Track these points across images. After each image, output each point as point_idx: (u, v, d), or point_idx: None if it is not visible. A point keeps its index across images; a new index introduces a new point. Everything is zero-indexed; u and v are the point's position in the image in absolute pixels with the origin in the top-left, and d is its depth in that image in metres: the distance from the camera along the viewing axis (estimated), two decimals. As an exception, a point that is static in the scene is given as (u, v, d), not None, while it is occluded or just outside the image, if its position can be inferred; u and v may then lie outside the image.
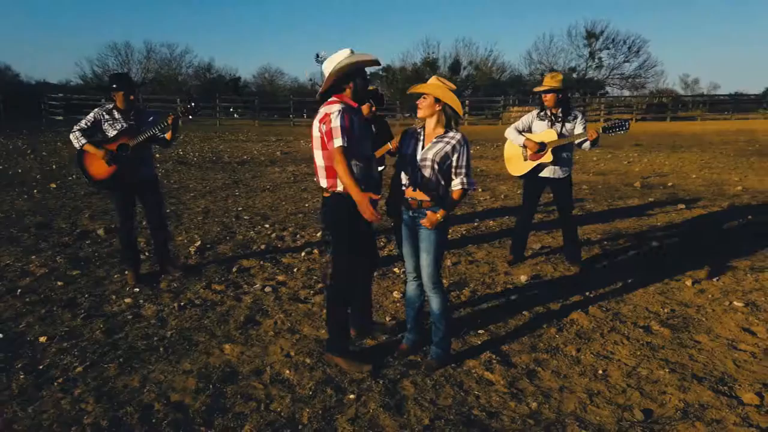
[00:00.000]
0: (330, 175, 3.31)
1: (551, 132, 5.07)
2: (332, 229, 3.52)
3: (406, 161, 3.40)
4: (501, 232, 6.78)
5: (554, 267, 5.45)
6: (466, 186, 3.35)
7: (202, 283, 4.97)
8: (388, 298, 4.64)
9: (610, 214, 7.83)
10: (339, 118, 3.13)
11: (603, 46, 43.94)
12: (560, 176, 5.19)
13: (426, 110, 3.32)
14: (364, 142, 3.30)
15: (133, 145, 4.68)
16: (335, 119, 3.14)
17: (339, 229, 3.44)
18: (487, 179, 11.12)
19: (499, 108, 34.69)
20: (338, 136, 3.12)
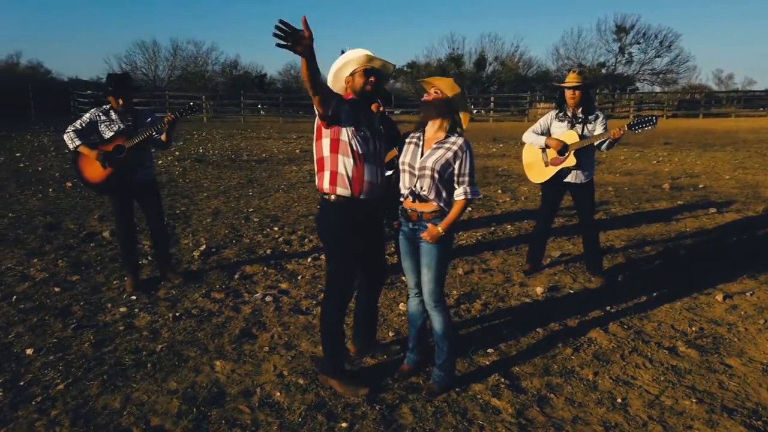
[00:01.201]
0: (319, 168, 3.13)
1: (572, 133, 4.74)
2: (321, 237, 3.28)
3: (405, 169, 3.13)
4: (519, 237, 6.45)
5: (573, 277, 5.12)
6: (470, 195, 3.07)
7: (201, 290, 4.77)
8: (393, 310, 4.38)
9: (636, 218, 7.43)
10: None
11: (633, 41, 42.83)
12: (582, 181, 4.86)
13: (437, 110, 3.04)
14: (363, 141, 3.06)
15: (129, 146, 4.50)
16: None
17: (328, 238, 3.19)
18: (508, 180, 10.76)
19: (525, 104, 34.06)
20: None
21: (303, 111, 35.31)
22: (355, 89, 3.09)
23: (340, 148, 3.01)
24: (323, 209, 3.16)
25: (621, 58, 43.18)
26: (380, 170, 3.19)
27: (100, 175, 4.51)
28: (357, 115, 3.04)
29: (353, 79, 3.08)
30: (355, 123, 3.01)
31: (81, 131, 4.52)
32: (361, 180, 3.06)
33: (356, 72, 3.07)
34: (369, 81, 3.07)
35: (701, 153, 14.97)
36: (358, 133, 3.02)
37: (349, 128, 3.00)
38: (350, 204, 3.07)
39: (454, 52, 44.16)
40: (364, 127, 3.07)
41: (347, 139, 3.01)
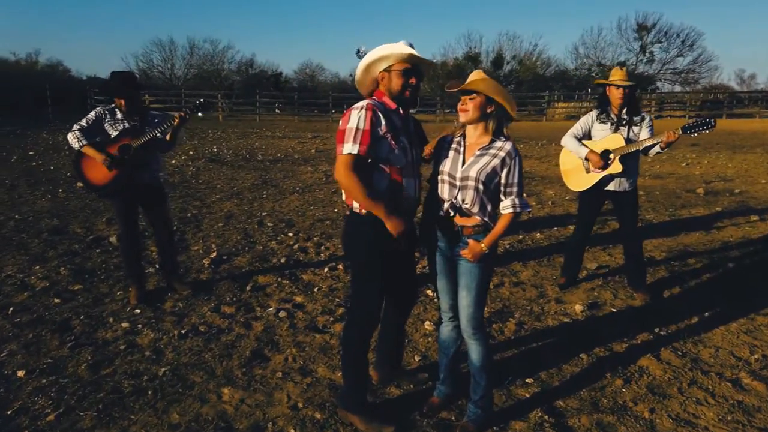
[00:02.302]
0: None
1: (617, 137, 4.32)
2: (349, 257, 2.89)
3: (444, 179, 2.74)
4: (549, 246, 6.03)
5: (614, 293, 4.69)
6: (518, 209, 2.68)
7: (210, 303, 4.42)
8: (418, 330, 3.99)
9: (674, 226, 6.96)
10: (359, 117, 2.53)
11: (655, 40, 42.06)
12: (626, 189, 4.43)
13: (474, 113, 2.65)
14: (401, 153, 2.65)
15: (136, 145, 4.16)
16: (353, 118, 2.54)
17: (356, 259, 2.81)
18: (532, 182, 10.31)
19: (543, 104, 33.47)
20: (349, 140, 2.52)
21: (318, 110, 35.01)
22: (392, 91, 2.66)
23: (375, 164, 2.61)
24: (352, 226, 2.77)
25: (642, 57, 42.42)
26: (418, 182, 2.80)
27: (104, 177, 4.18)
28: (394, 126, 2.63)
29: (389, 78, 2.65)
30: (394, 135, 2.61)
31: (87, 130, 4.20)
32: (399, 196, 2.68)
33: (393, 70, 2.63)
34: (409, 84, 2.65)
35: (731, 155, 14.39)
36: (398, 145, 2.62)
37: (387, 143, 2.59)
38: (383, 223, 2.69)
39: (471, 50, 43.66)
40: (403, 136, 2.66)
41: (385, 155, 2.61)
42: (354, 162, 2.52)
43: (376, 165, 2.59)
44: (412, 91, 2.66)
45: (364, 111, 2.53)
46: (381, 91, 2.69)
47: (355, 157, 2.51)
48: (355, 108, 2.57)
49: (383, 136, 2.57)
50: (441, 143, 2.86)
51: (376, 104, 2.60)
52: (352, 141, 2.51)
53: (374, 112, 2.54)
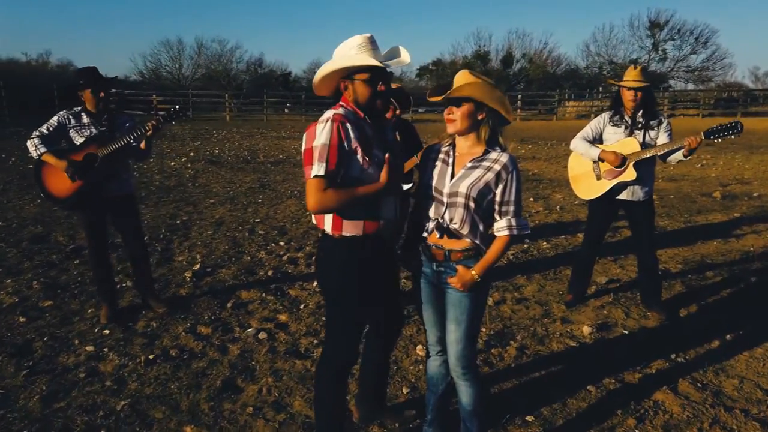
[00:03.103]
0: None
1: (631, 141, 3.94)
2: (321, 285, 2.54)
3: (429, 194, 2.38)
4: (557, 257, 5.64)
5: (626, 312, 4.30)
6: (515, 230, 2.31)
7: (186, 323, 4.09)
8: (409, 355, 3.63)
9: (690, 234, 6.55)
10: (324, 132, 2.16)
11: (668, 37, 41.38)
12: (641, 198, 4.04)
13: (462, 123, 2.29)
14: (375, 170, 2.27)
15: (102, 155, 3.83)
16: (319, 134, 2.18)
17: (330, 287, 2.45)
18: (540, 185, 9.91)
19: (553, 102, 32.94)
20: (315, 161, 2.17)
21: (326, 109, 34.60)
22: (358, 101, 2.28)
23: (345, 184, 2.24)
24: (324, 250, 2.41)
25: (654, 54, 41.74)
26: (398, 201, 2.44)
27: (67, 189, 3.85)
28: (366, 137, 2.26)
29: (353, 88, 2.26)
30: (365, 149, 2.24)
31: (48, 137, 3.86)
32: (376, 217, 2.33)
33: (357, 78, 2.24)
34: (377, 92, 2.25)
35: (748, 156, 13.90)
36: (371, 161, 2.25)
37: (358, 160, 2.23)
38: (359, 244, 2.34)
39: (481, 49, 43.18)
40: (377, 150, 2.29)
41: (357, 173, 2.25)
42: (326, 185, 2.17)
43: (346, 185, 2.24)
44: (383, 100, 2.29)
45: (329, 124, 2.17)
46: (346, 99, 2.33)
47: (326, 180, 2.16)
48: (320, 122, 2.21)
49: (354, 150, 2.21)
50: (428, 153, 2.50)
51: (346, 113, 2.24)
52: (317, 160, 2.16)
53: (342, 124, 2.18)
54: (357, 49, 2.23)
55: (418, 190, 2.45)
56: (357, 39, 2.24)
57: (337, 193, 2.18)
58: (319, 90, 2.41)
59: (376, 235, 2.34)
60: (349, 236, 2.30)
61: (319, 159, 2.15)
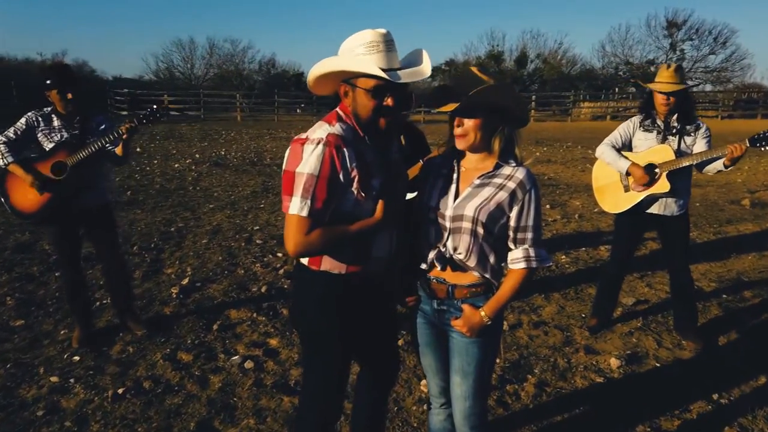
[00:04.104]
0: None
1: (664, 149, 3.48)
2: (298, 329, 2.13)
3: (429, 217, 1.95)
4: (577, 273, 5.18)
5: (657, 340, 3.84)
6: (534, 263, 1.88)
7: (166, 348, 3.68)
8: (412, 392, 3.19)
9: (721, 247, 6.04)
10: (313, 157, 1.73)
11: (686, 37, 40.41)
12: (674, 213, 3.58)
13: (476, 136, 1.85)
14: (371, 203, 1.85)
15: (72, 163, 3.44)
16: (307, 158, 1.74)
17: (306, 329, 2.04)
18: (556, 191, 9.42)
19: (568, 103, 32.31)
20: (298, 193, 1.73)
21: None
22: (358, 114, 1.82)
23: (335, 218, 1.82)
24: (299, 283, 2.00)
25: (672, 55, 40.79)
26: (396, 234, 2.02)
27: (33, 203, 3.46)
28: (365, 166, 1.81)
29: (353, 96, 1.81)
30: (363, 181, 1.80)
31: (15, 142, 3.47)
32: (365, 256, 1.92)
33: (359, 86, 1.78)
34: (383, 108, 1.78)
35: (775, 160, 13.28)
36: (367, 194, 1.82)
37: (353, 192, 1.80)
38: (342, 281, 1.92)
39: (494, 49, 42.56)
40: (375, 178, 1.84)
41: (350, 208, 1.83)
42: (310, 228, 1.75)
43: (335, 222, 1.81)
44: (389, 118, 1.81)
45: (321, 148, 1.73)
46: (344, 105, 1.88)
47: (310, 221, 1.74)
48: (309, 141, 1.76)
49: (349, 182, 1.78)
50: (428, 168, 2.07)
51: (343, 132, 1.79)
52: (301, 195, 1.72)
53: (338, 150, 1.74)
54: (365, 48, 1.74)
55: (416, 211, 2.02)
56: (367, 35, 1.76)
57: (324, 234, 1.76)
58: (316, 89, 1.95)
59: (365, 273, 1.92)
60: (328, 273, 1.89)
61: (303, 193, 1.72)
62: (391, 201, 1.86)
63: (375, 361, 2.24)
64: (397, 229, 2.00)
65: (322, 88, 1.92)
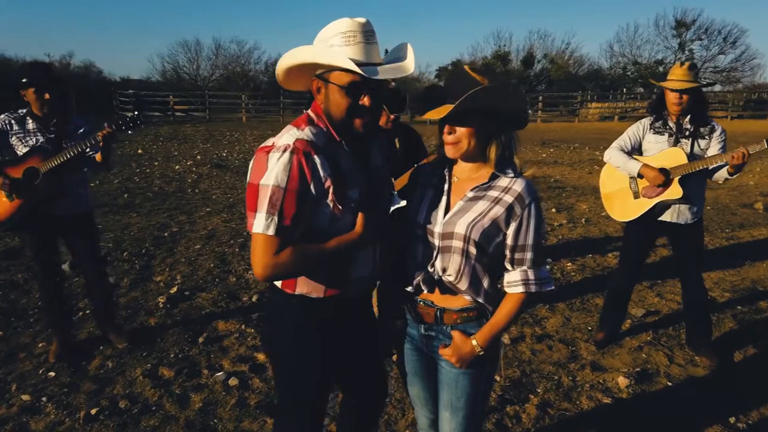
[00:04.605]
0: None
1: (676, 152, 3.25)
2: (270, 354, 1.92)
3: (416, 233, 1.75)
4: (583, 282, 4.95)
5: (669, 355, 3.61)
6: (533, 286, 1.67)
7: (147, 363, 3.49)
8: (405, 414, 2.98)
9: (734, 253, 5.79)
10: (282, 167, 1.51)
11: (695, 37, 39.98)
12: (688, 221, 3.36)
13: (469, 144, 1.64)
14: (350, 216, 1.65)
15: (46, 170, 3.25)
16: (272, 167, 1.52)
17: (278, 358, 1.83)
18: (563, 194, 9.17)
19: (575, 104, 31.97)
20: (262, 209, 1.52)
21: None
22: (331, 114, 1.62)
23: (309, 236, 1.61)
24: (272, 307, 1.80)
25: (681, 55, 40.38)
26: (380, 251, 1.81)
27: (6, 209, 3.27)
28: (340, 175, 1.60)
29: (326, 92, 1.61)
30: (339, 192, 1.59)
31: (-13, 146, 3.31)
32: (346, 276, 1.71)
33: (332, 81, 1.57)
34: (358, 107, 1.57)
35: (787, 161, 12.97)
36: (344, 207, 1.61)
37: (328, 205, 1.60)
38: (319, 305, 1.72)
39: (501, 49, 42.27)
40: (353, 188, 1.64)
41: (326, 225, 1.63)
42: (279, 247, 1.54)
43: (308, 239, 1.61)
44: (365, 120, 1.60)
45: (287, 156, 1.52)
46: (319, 107, 1.67)
47: (279, 240, 1.53)
48: (275, 149, 1.54)
49: (323, 194, 1.57)
50: (416, 176, 1.86)
51: (314, 137, 1.59)
52: (267, 210, 1.51)
53: (307, 157, 1.53)
54: (340, 39, 1.53)
55: (403, 226, 1.81)
56: (343, 24, 1.55)
57: (296, 253, 1.56)
58: (287, 84, 1.74)
59: (344, 296, 1.72)
60: (305, 296, 1.69)
61: (269, 208, 1.51)
62: (372, 213, 1.65)
63: (359, 389, 2.03)
64: (381, 245, 1.80)
65: (294, 83, 1.71)
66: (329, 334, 1.75)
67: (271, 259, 1.53)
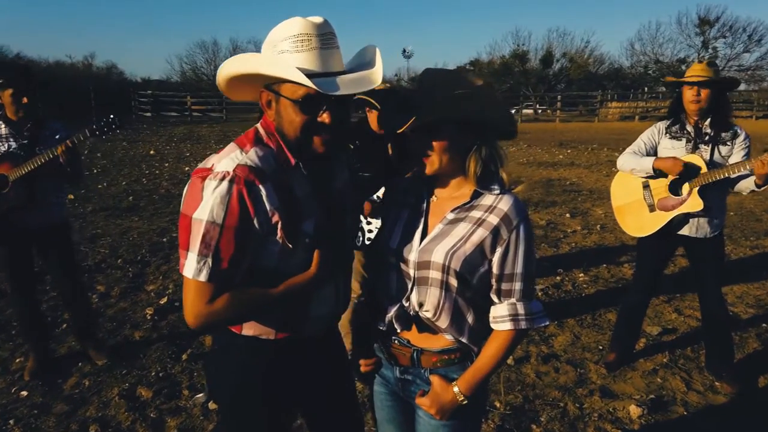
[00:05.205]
0: None
1: (695, 159, 2.96)
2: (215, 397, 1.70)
3: (390, 262, 1.51)
4: (596, 295, 4.65)
5: (686, 380, 3.31)
6: (524, 322, 1.43)
7: (126, 381, 3.30)
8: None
9: (759, 264, 5.45)
10: (219, 200, 1.27)
11: (719, 35, 39.07)
12: (708, 234, 3.07)
13: (443, 159, 1.41)
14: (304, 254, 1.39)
15: (15, 177, 3.07)
16: (207, 200, 1.27)
17: (225, 404, 1.61)
18: (578, 197, 8.85)
19: (595, 103, 31.40)
20: (195, 249, 1.28)
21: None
22: (284, 131, 1.35)
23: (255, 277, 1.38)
24: (219, 351, 1.58)
25: (704, 53, 39.49)
26: (344, 283, 1.57)
27: (-28, 219, 3.11)
28: (292, 205, 1.36)
29: (278, 108, 1.35)
30: (289, 226, 1.34)
31: (-42, 152, 3.14)
32: (302, 316, 1.48)
33: (285, 96, 1.31)
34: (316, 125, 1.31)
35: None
36: (298, 241, 1.37)
37: (277, 242, 1.35)
38: (270, 347, 1.49)
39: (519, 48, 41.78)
40: (307, 219, 1.39)
41: (274, 264, 1.38)
42: (213, 295, 1.30)
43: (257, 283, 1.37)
44: (325, 138, 1.34)
45: (226, 186, 1.27)
46: (268, 118, 1.42)
47: (213, 286, 1.29)
48: (212, 176, 1.28)
49: (270, 230, 1.33)
50: (390, 194, 1.62)
51: (259, 161, 1.33)
52: (199, 251, 1.27)
53: (249, 188, 1.28)
54: (291, 44, 1.27)
55: (377, 253, 1.57)
56: (293, 25, 1.28)
57: (235, 300, 1.32)
58: (230, 94, 1.48)
59: (300, 336, 1.49)
60: (254, 338, 1.46)
61: (202, 249, 1.27)
62: (330, 249, 1.40)
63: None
64: (345, 276, 1.56)
65: (240, 93, 1.47)
66: (283, 377, 1.52)
67: (204, 308, 1.30)
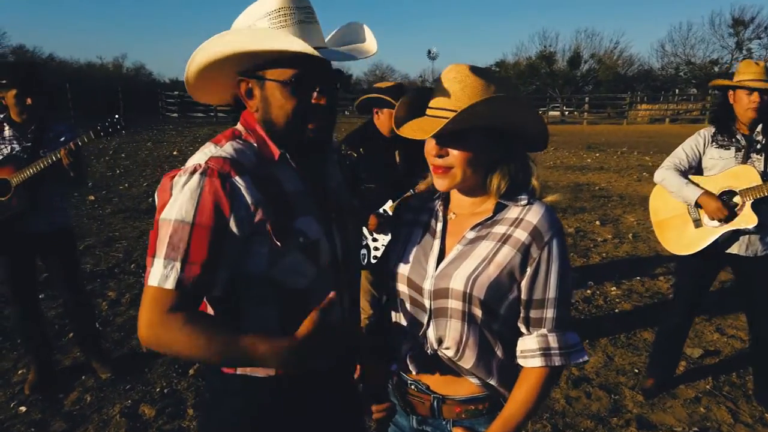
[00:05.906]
0: None
1: (747, 170, 2.68)
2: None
3: (402, 291, 1.30)
4: (632, 312, 4.36)
5: (733, 410, 3.02)
6: (558, 358, 1.20)
7: (128, 399, 3.13)
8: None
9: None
10: (188, 196, 1.08)
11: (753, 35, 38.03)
12: (758, 253, 2.78)
13: (465, 172, 1.19)
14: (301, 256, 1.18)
15: (18, 182, 2.93)
16: (176, 196, 1.09)
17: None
18: (608, 203, 8.50)
19: (624, 105, 30.72)
20: (161, 254, 1.08)
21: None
22: (273, 119, 1.17)
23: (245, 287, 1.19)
24: (212, 395, 1.35)
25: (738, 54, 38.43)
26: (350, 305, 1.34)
27: (-28, 226, 2.97)
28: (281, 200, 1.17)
29: (262, 95, 1.17)
30: (279, 223, 1.14)
31: (-40, 155, 3.01)
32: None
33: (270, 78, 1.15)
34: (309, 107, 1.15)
35: None
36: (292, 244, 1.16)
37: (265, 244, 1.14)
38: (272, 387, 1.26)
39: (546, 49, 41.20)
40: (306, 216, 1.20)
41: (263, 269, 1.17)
42: (173, 306, 1.07)
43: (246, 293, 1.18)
44: (320, 124, 1.17)
45: (197, 179, 1.09)
46: (251, 116, 1.23)
47: (176, 297, 1.07)
48: (182, 171, 1.12)
49: (255, 229, 1.13)
50: (401, 213, 1.40)
51: (235, 154, 1.15)
52: (166, 255, 1.07)
53: (225, 181, 1.10)
54: (269, 21, 1.12)
55: (386, 278, 1.35)
56: (270, 1, 1.12)
57: (196, 328, 1.08)
58: (196, 93, 1.29)
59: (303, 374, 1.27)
60: (250, 376, 1.25)
61: (169, 252, 1.07)
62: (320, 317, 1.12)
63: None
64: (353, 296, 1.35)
65: (207, 91, 1.28)
66: (286, 424, 1.31)
67: (164, 317, 1.06)
